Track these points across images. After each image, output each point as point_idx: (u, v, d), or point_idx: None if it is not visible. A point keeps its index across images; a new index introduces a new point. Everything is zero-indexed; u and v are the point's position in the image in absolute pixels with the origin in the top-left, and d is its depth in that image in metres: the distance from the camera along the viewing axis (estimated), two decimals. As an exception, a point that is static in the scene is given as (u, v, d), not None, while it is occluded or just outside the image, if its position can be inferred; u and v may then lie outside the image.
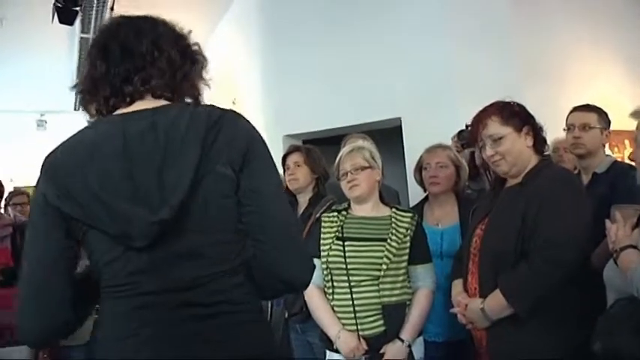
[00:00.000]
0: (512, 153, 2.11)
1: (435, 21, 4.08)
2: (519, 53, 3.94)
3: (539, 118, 2.19)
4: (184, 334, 1.15)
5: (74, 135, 1.25)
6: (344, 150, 2.58)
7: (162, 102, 1.26)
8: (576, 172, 2.80)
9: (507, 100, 2.20)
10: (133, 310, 1.16)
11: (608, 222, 1.86)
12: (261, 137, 1.27)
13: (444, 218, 2.84)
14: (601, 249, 2.03)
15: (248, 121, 1.28)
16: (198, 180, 1.14)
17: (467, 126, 3.24)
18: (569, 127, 2.74)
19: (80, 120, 1.31)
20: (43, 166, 1.21)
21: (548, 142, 2.29)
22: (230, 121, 1.23)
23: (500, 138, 2.11)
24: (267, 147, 1.26)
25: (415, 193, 3.27)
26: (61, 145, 1.23)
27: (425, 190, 2.99)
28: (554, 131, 2.79)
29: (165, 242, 1.14)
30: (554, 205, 1.98)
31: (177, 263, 1.16)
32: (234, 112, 1.28)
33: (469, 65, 3.96)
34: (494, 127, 2.13)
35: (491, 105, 2.19)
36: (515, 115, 2.14)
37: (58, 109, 7.97)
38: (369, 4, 4.31)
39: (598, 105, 2.80)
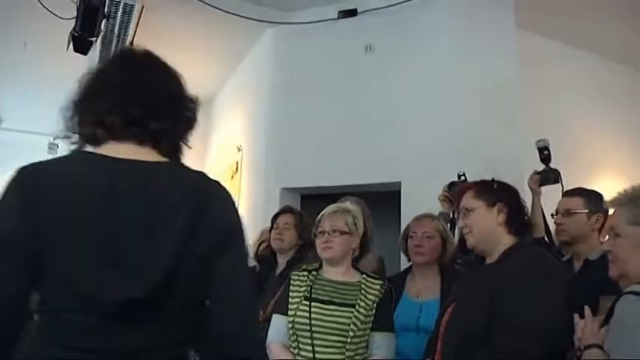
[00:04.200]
0: (477, 226, 2.10)
1: (440, 89, 4.05)
2: (527, 130, 3.87)
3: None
4: None
5: (61, 162, 1.19)
6: (328, 209, 2.55)
7: (149, 152, 1.19)
8: (569, 257, 2.70)
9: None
10: None
11: (576, 317, 1.74)
12: (239, 219, 1.24)
13: (425, 291, 2.73)
14: None
15: (231, 198, 1.25)
16: (178, 262, 1.09)
17: (459, 176, 3.25)
18: (555, 213, 2.66)
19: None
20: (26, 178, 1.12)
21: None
22: (217, 202, 1.19)
23: (470, 210, 2.13)
24: (242, 229, 1.24)
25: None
26: (49, 166, 1.17)
27: (409, 260, 2.90)
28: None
29: (123, 315, 1.07)
30: (520, 290, 1.87)
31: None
32: (221, 187, 1.23)
33: (474, 137, 3.91)
34: (467, 199, 2.16)
35: (475, 181, 2.21)
36: (491, 190, 2.13)
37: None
38: (374, 70, 4.32)
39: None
